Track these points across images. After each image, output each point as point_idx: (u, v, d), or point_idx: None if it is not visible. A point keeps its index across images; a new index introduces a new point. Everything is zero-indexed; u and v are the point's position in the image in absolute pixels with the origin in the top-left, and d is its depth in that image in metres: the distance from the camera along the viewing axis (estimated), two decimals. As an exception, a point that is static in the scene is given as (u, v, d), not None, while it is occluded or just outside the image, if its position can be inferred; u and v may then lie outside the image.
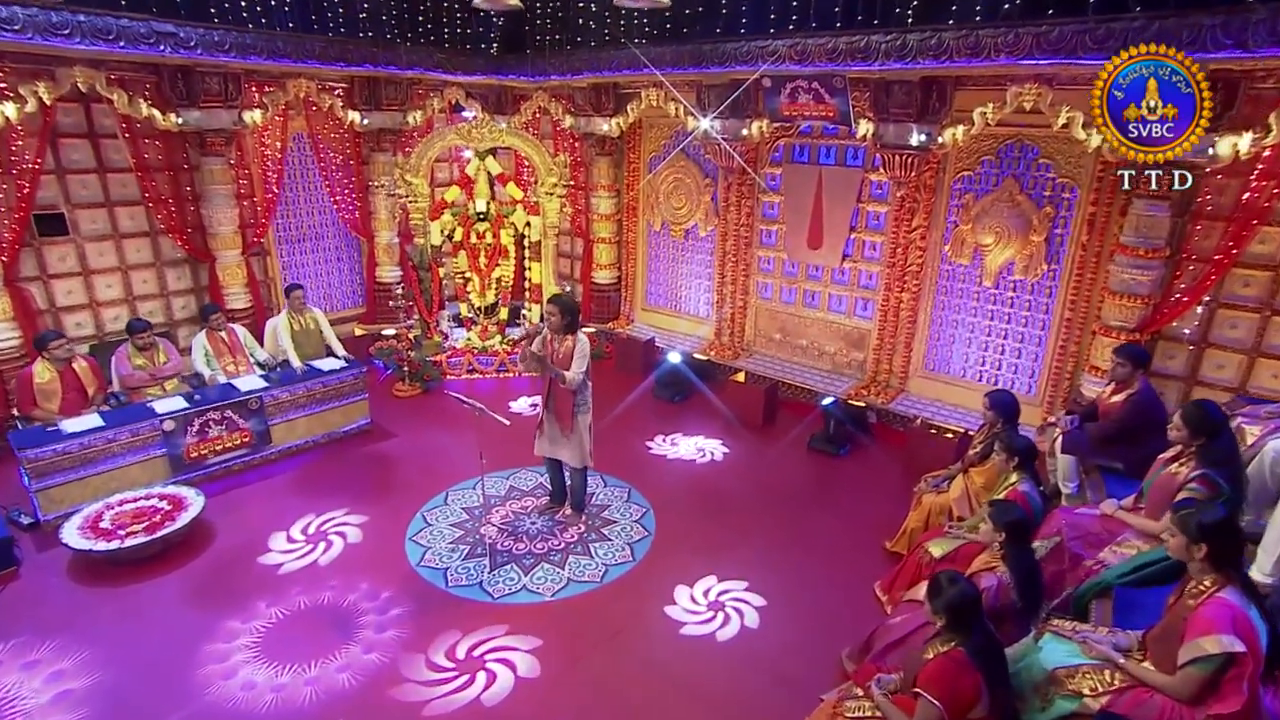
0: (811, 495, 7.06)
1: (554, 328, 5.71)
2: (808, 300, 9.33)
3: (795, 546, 6.22)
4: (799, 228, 9.05)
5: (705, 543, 6.22)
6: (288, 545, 6.05)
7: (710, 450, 7.95)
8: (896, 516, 6.32)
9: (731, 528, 6.46)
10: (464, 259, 9.71)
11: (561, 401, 5.82)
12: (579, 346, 5.68)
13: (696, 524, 6.48)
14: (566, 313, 5.69)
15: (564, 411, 5.85)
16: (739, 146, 9.02)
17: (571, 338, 5.72)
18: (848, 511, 6.75)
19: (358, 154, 10.31)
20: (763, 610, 5.44)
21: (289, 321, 8.09)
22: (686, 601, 5.49)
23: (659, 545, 6.19)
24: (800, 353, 9.55)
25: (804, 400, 8.80)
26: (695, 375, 9.36)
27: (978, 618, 3.48)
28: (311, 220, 10.29)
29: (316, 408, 7.64)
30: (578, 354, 5.67)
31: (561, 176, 9.57)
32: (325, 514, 6.45)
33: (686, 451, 7.91)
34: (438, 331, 9.78)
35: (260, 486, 7.01)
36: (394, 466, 7.33)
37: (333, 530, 6.27)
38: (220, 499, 6.70)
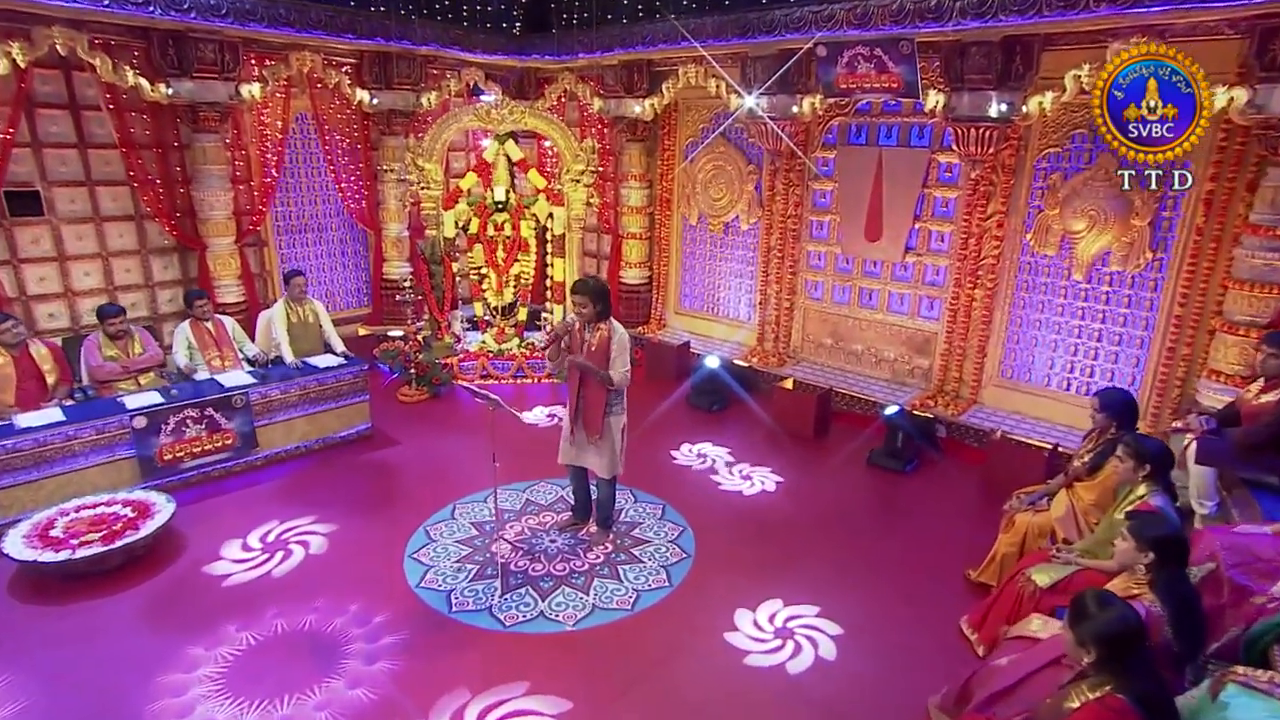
0: (875, 516, 6.48)
1: (584, 318, 5.25)
2: (864, 300, 8.80)
3: (859, 574, 5.59)
4: (855, 218, 8.57)
5: (753, 566, 5.63)
6: (242, 554, 5.56)
7: (753, 466, 7.31)
8: (979, 541, 5.73)
9: (783, 551, 5.87)
10: (480, 253, 9.29)
11: (592, 400, 5.34)
12: (617, 338, 5.20)
13: (742, 545, 5.91)
14: (596, 299, 5.21)
15: (594, 412, 5.35)
16: (787, 127, 8.52)
17: (605, 327, 5.25)
18: (919, 535, 6.15)
19: (366, 138, 9.96)
20: (839, 640, 4.83)
21: (286, 312, 7.60)
22: (749, 627, 4.93)
23: (701, 569, 5.58)
24: (855, 360, 8.98)
25: (859, 411, 8.25)
26: (736, 382, 8.75)
27: (1141, 654, 2.75)
28: (314, 209, 9.92)
29: (310, 408, 7.13)
30: (617, 347, 5.19)
31: (589, 163, 9.15)
32: (289, 521, 6.00)
33: (724, 462, 7.29)
34: (449, 333, 9.33)
35: (243, 495, 6.46)
36: (395, 476, 6.88)
37: (294, 539, 5.79)
38: (195, 508, 6.16)
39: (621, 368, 5.15)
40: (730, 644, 4.78)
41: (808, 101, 8.23)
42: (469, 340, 9.52)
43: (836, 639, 4.85)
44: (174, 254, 8.68)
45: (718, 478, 7.05)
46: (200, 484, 6.55)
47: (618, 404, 5.40)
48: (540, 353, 9.21)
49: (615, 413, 5.39)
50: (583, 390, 5.36)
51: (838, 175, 8.65)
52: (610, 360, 5.17)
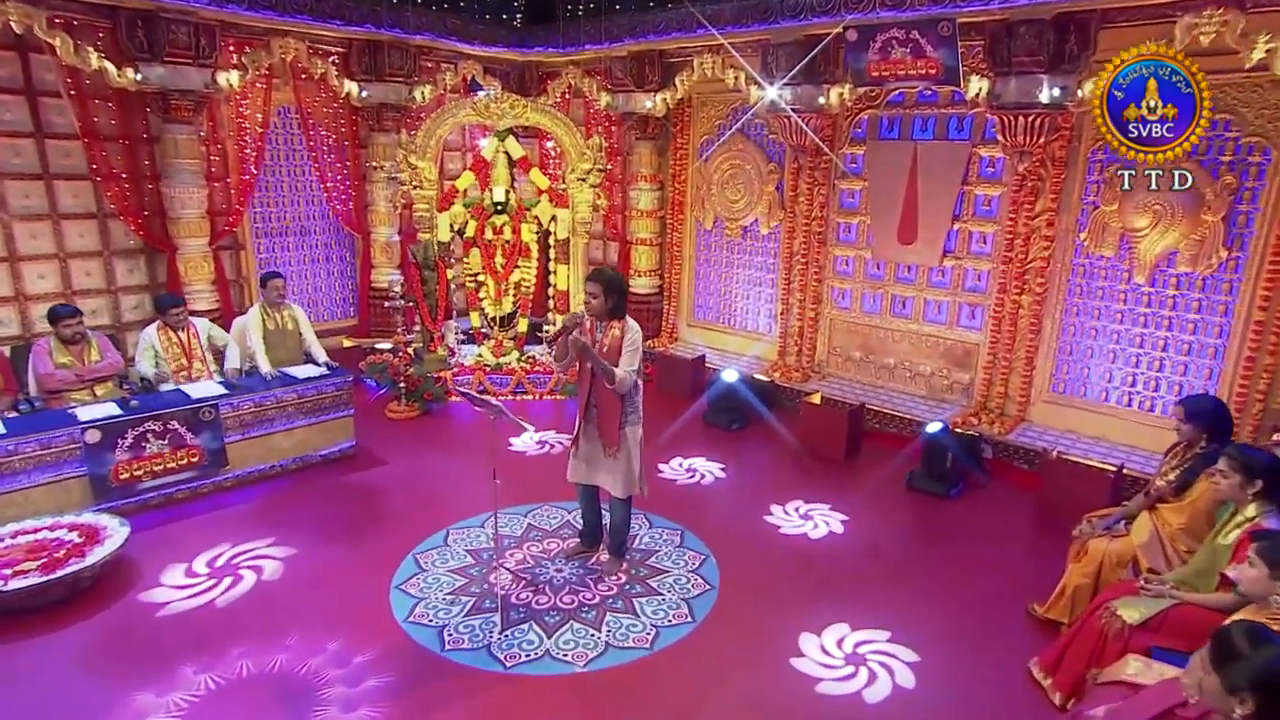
0: (919, 544, 6.07)
1: (595, 312, 4.91)
2: (897, 308, 8.48)
3: (903, 609, 5.14)
4: (887, 219, 8.26)
5: (786, 599, 5.21)
6: (185, 580, 5.16)
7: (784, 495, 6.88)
8: (1041, 572, 5.37)
9: (819, 580, 5.46)
10: (477, 258, 9.00)
11: (606, 410, 4.99)
12: (629, 336, 4.88)
13: (773, 574, 5.51)
14: (611, 291, 4.87)
15: (609, 422, 5.00)
16: (813, 121, 8.22)
17: (619, 325, 4.92)
18: (971, 565, 5.72)
19: (354, 134, 9.76)
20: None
21: (262, 317, 7.23)
22: (816, 653, 4.64)
23: (726, 603, 5.14)
24: (886, 374, 8.63)
25: (893, 430, 7.90)
26: (756, 398, 8.41)
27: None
28: (296, 210, 9.72)
29: (288, 423, 6.74)
30: (628, 346, 4.87)
31: (596, 161, 8.88)
32: (241, 544, 5.62)
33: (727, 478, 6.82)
34: (442, 344, 8.99)
35: (209, 520, 6.00)
36: (382, 498, 6.46)
37: (246, 563, 5.40)
38: (154, 533, 5.71)
39: (628, 366, 4.83)
40: (797, 669, 4.48)
41: (835, 92, 7.93)
42: (464, 354, 9.24)
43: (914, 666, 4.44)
44: (140, 256, 8.36)
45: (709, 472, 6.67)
46: (161, 507, 6.11)
47: (634, 413, 5.07)
48: (543, 365, 8.96)
49: (631, 423, 5.06)
50: (594, 397, 5.02)
51: (868, 173, 8.36)
52: (621, 356, 4.85)
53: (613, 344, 4.88)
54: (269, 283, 7.25)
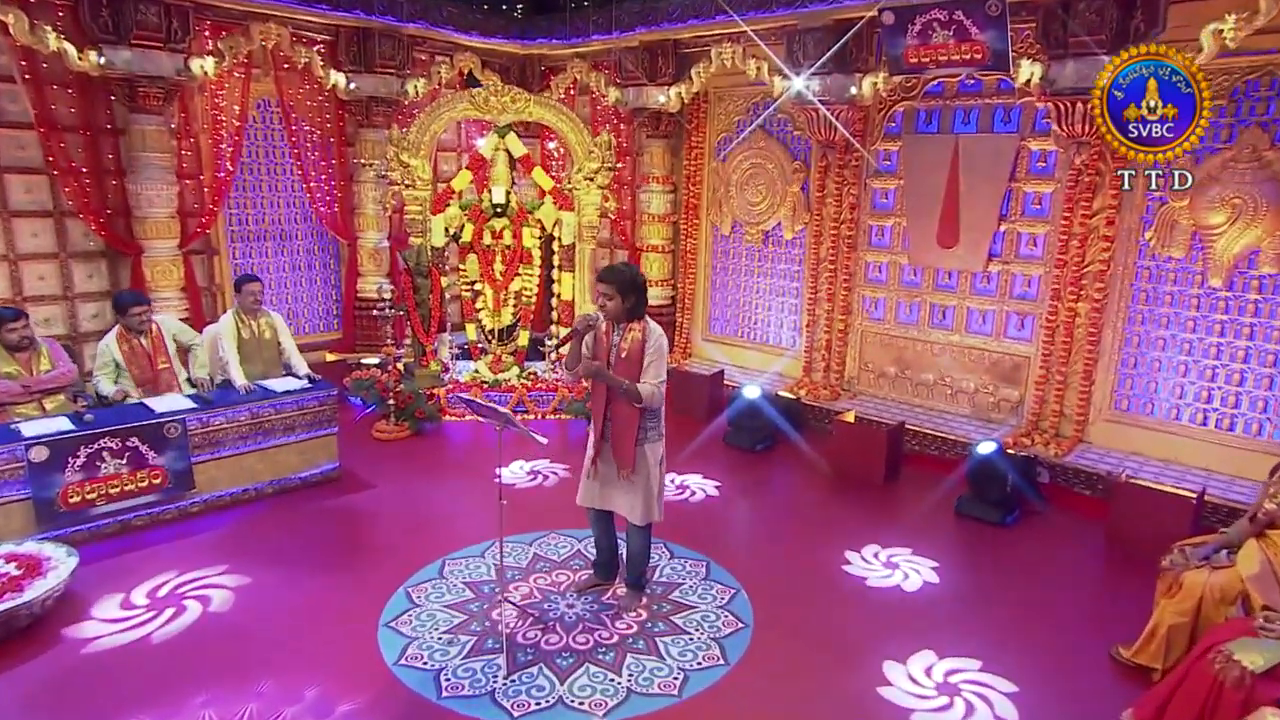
0: (976, 576, 5.69)
1: (611, 314, 4.62)
2: (936, 319, 8.19)
3: (968, 651, 4.73)
4: (925, 221, 7.98)
5: (831, 639, 4.84)
6: (120, 613, 4.82)
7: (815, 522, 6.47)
8: (1122, 610, 5.04)
9: (867, 616, 5.11)
10: (474, 265, 8.71)
11: (623, 424, 4.68)
12: (652, 341, 4.58)
13: (814, 610, 5.16)
14: (628, 290, 4.56)
15: (625, 439, 4.67)
16: (843, 114, 7.95)
17: (639, 327, 4.63)
18: (1038, 600, 5.34)
19: (341, 130, 9.52)
20: None
21: (236, 325, 6.88)
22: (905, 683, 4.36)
23: (764, 643, 4.76)
24: (925, 392, 8.31)
25: (934, 452, 7.58)
26: (782, 416, 8.07)
27: None
28: (276, 213, 9.49)
29: (264, 441, 6.40)
30: (651, 353, 4.56)
31: (605, 160, 8.61)
32: (190, 572, 5.30)
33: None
34: (435, 359, 8.67)
35: (172, 549, 5.60)
36: (369, 525, 6.15)
37: (192, 593, 5.08)
38: (109, 564, 5.30)
39: (654, 378, 4.53)
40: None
41: (868, 81, 7.65)
42: (459, 370, 8.92)
43: None
44: (101, 260, 8.06)
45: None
46: (116, 535, 5.70)
47: (654, 428, 4.74)
48: (545, 382, 8.62)
49: (651, 440, 4.73)
50: (610, 411, 4.71)
51: (903, 170, 8.10)
52: (644, 367, 4.55)
53: (632, 350, 4.58)
54: (245, 287, 6.92)
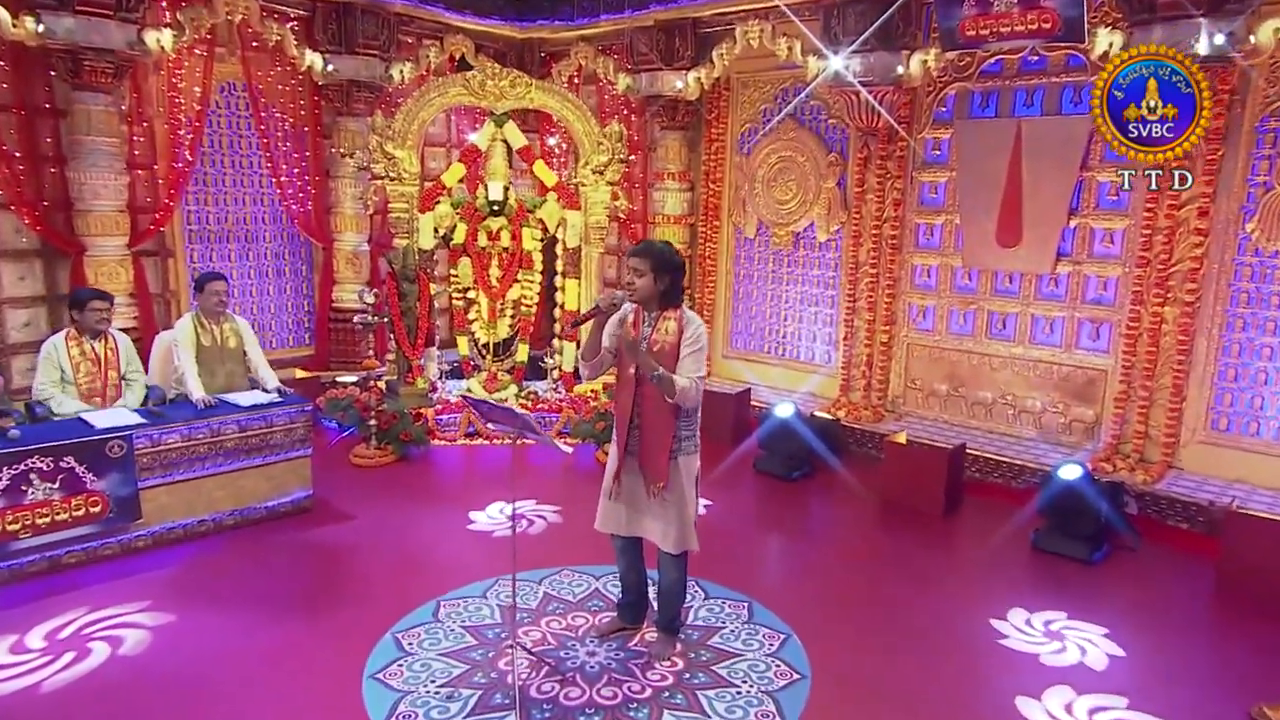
0: (1005, 606, 5.39)
1: (641, 297, 4.31)
2: (995, 329, 8.00)
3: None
4: (982, 217, 7.81)
5: (909, 691, 4.49)
6: (9, 658, 4.52)
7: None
8: (1257, 661, 4.80)
9: (948, 665, 4.76)
10: (467, 270, 8.61)
11: (654, 431, 4.35)
12: (691, 331, 4.28)
13: (880, 657, 4.82)
14: (663, 268, 4.27)
15: (657, 447, 4.34)
16: (886, 97, 7.72)
17: (674, 315, 4.33)
18: (1147, 649, 4.97)
19: (317, 118, 9.36)
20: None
21: (195, 330, 6.53)
22: None
23: (826, 697, 4.42)
24: (983, 412, 8.08)
25: (998, 479, 7.35)
26: (819, 439, 7.74)
27: None
28: (241, 211, 9.26)
29: (225, 464, 6.07)
30: (689, 344, 4.26)
31: (615, 152, 8.56)
32: (102, 609, 5.00)
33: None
34: (422, 375, 8.44)
35: (111, 590, 5.22)
36: (349, 562, 5.82)
37: (100, 632, 4.78)
38: (31, 610, 4.93)
39: (693, 370, 4.21)
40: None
41: (917, 60, 7.50)
42: (448, 388, 8.69)
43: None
44: (36, 259, 7.73)
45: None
46: (43, 574, 5.30)
47: (690, 437, 4.42)
48: (547, 403, 8.35)
49: (686, 450, 4.40)
50: (639, 414, 4.37)
51: (956, 160, 7.96)
52: (680, 360, 4.25)
53: (667, 344, 4.27)
54: (208, 285, 6.58)
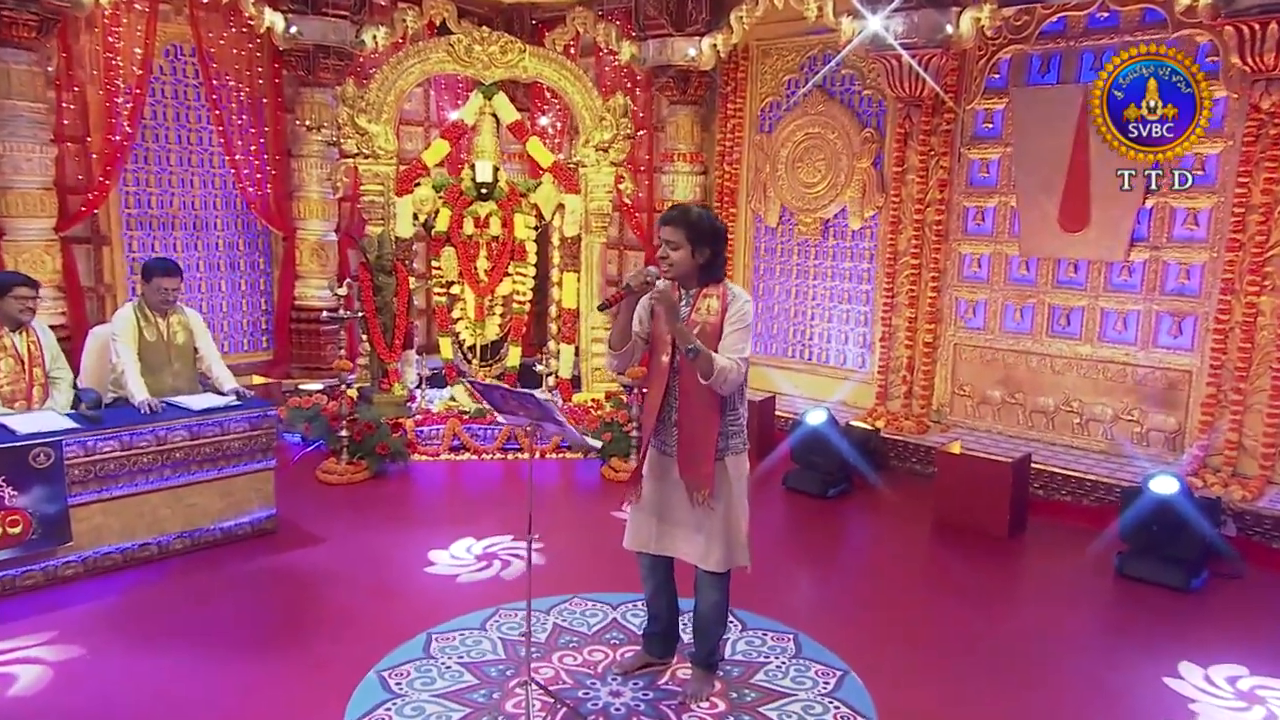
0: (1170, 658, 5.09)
1: (677, 272, 4.08)
2: (1057, 325, 7.92)
3: None
4: (1043, 197, 7.72)
5: None
6: None
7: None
8: None
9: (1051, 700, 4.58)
10: (451, 262, 8.56)
11: (695, 423, 4.14)
12: (735, 308, 4.10)
13: (957, 695, 4.60)
14: (701, 236, 4.06)
15: (699, 448, 4.12)
16: (931, 61, 7.63)
17: (715, 291, 4.14)
18: None
19: (277, 88, 9.39)
20: None
21: (137, 323, 6.29)
22: None
23: None
24: (1043, 421, 7.99)
25: (1065, 496, 7.21)
26: (858, 451, 7.66)
27: None
28: (188, 193, 9.18)
29: (173, 478, 5.89)
30: (733, 321, 4.08)
31: (620, 127, 8.55)
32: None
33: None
34: (399, 381, 8.33)
35: (37, 625, 4.99)
36: (321, 591, 5.68)
37: None
38: None
39: (735, 349, 4.02)
40: None
41: (969, 17, 7.43)
42: (429, 397, 8.64)
43: None
44: None
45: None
46: None
47: (738, 433, 4.22)
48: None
49: (735, 449, 4.19)
50: (676, 405, 4.16)
51: (1013, 134, 7.90)
52: (722, 338, 4.08)
53: (708, 324, 4.08)
54: (156, 280, 6.34)
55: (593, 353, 8.56)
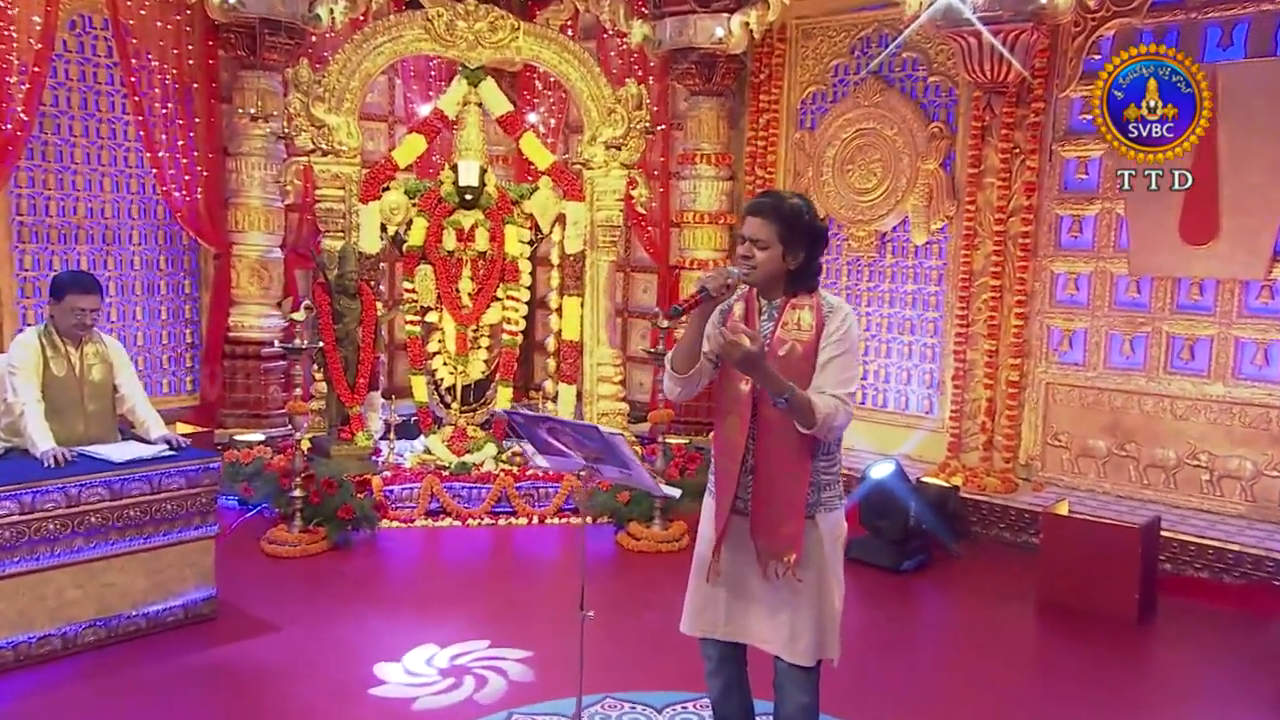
0: None
1: (761, 277, 3.78)
2: (1178, 360, 7.79)
3: None
4: (1159, 203, 7.59)
5: None
6: None
7: None
8: None
9: None
10: (428, 282, 8.46)
11: (779, 471, 3.81)
12: (835, 324, 3.80)
13: None
14: (795, 234, 3.75)
15: (783, 503, 3.81)
16: (1019, 40, 7.46)
17: (808, 303, 3.83)
18: None
19: (212, 71, 9.21)
20: None
21: (42, 354, 6.01)
22: None
23: None
24: (1162, 478, 7.82)
25: (1200, 570, 6.92)
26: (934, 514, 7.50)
27: None
28: (96, 197, 9.02)
29: (86, 550, 5.61)
30: (833, 343, 3.76)
31: (633, 121, 8.43)
32: None
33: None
34: (363, 430, 8.15)
35: None
36: (276, 696, 5.47)
37: None
38: None
39: (838, 385, 3.71)
40: None
41: None
42: (399, 448, 8.48)
43: None
44: None
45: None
46: None
47: (832, 481, 3.89)
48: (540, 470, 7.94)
49: (830, 503, 3.85)
50: (754, 451, 3.83)
51: None
52: (818, 368, 3.75)
53: (799, 345, 3.78)
54: (69, 297, 6.04)
55: (598, 395, 8.42)
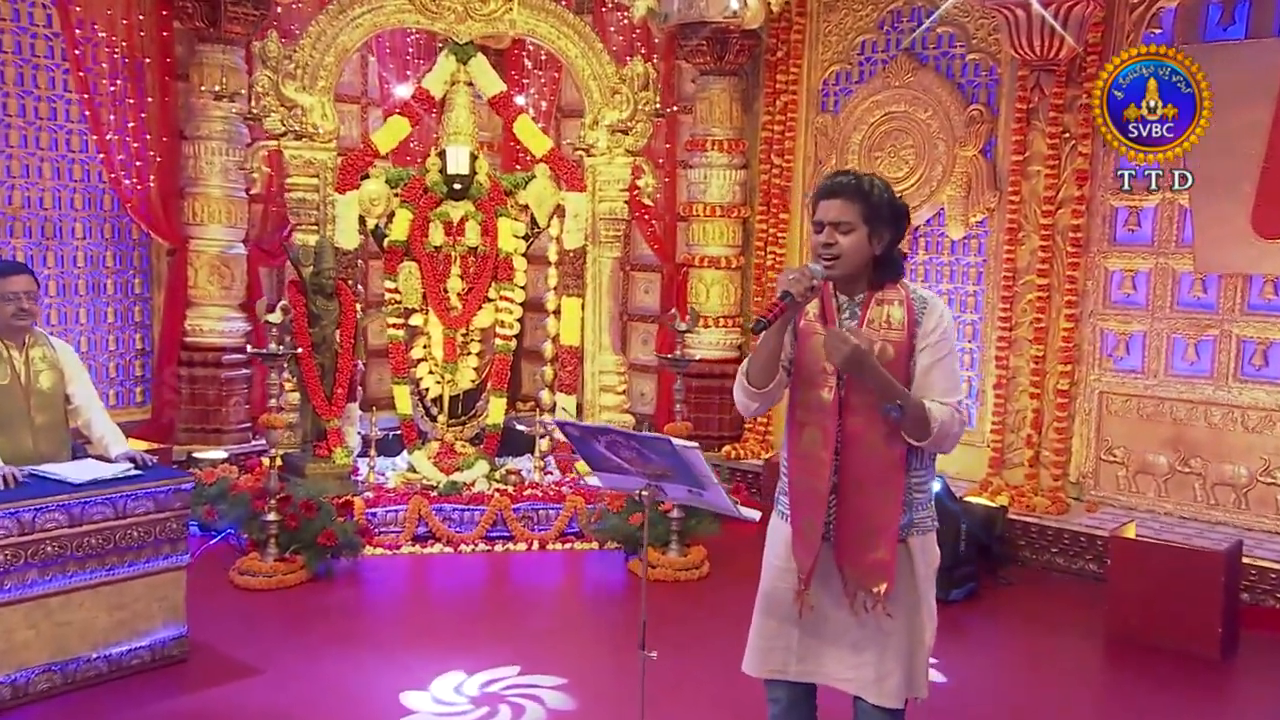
0: None
1: (845, 268, 3.67)
2: (1249, 368, 7.76)
3: None
4: (1227, 194, 7.59)
5: None
6: None
7: None
8: None
9: None
10: (412, 282, 8.51)
11: (867, 490, 3.74)
12: (931, 321, 3.78)
13: None
14: (880, 216, 3.71)
15: (873, 516, 3.74)
16: (1072, 11, 7.43)
17: (895, 296, 3.78)
18: None
19: (166, 45, 9.08)
20: None
21: None
22: None
23: None
24: (1231, 497, 7.78)
25: (1273, 601, 6.93)
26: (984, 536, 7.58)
27: None
28: (35, 185, 8.88)
29: (39, 584, 5.50)
30: (932, 343, 3.74)
31: (639, 102, 8.52)
32: None
33: None
34: (341, 445, 8.22)
35: None
36: None
37: None
38: None
39: (946, 393, 3.70)
40: None
41: None
42: (381, 466, 8.50)
43: None
44: None
45: None
46: None
47: (924, 500, 3.84)
48: (539, 489, 8.06)
49: (924, 525, 3.80)
50: (841, 469, 3.73)
51: None
52: (918, 375, 3.71)
53: (890, 345, 3.71)
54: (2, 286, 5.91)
55: (601, 406, 8.40)
